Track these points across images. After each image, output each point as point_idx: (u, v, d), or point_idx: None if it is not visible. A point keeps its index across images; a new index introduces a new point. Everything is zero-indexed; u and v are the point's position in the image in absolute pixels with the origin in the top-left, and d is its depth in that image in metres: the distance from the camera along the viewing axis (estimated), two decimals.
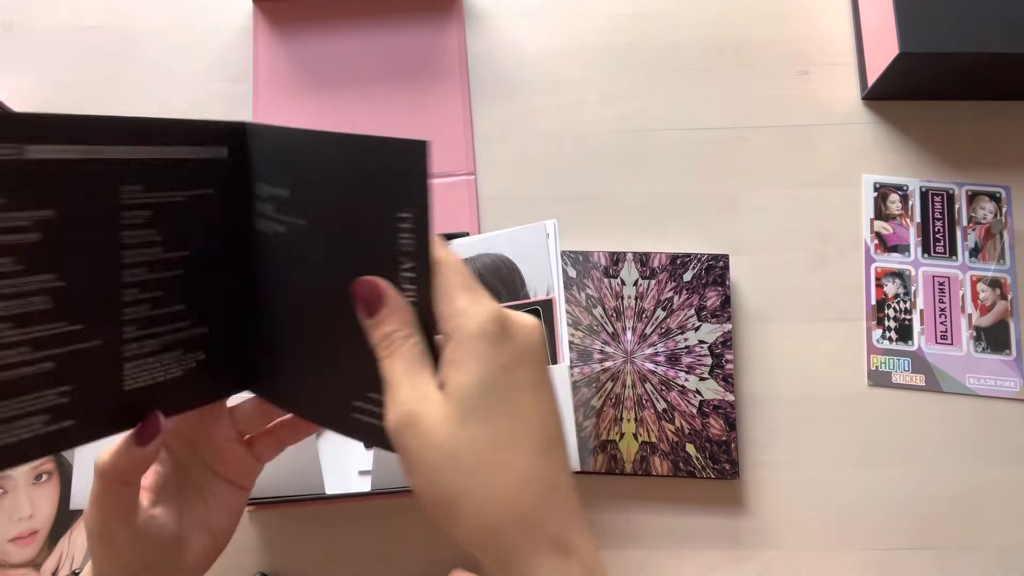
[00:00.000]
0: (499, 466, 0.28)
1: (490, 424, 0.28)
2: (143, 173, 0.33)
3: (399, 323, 0.30)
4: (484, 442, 0.28)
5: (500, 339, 0.29)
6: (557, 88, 0.69)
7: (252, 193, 0.36)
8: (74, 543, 0.58)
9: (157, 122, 0.34)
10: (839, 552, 0.59)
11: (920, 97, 0.68)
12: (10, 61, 0.70)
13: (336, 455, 0.57)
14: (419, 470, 0.29)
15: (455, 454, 0.28)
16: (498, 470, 0.28)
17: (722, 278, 0.62)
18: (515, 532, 0.28)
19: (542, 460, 0.29)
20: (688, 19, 0.71)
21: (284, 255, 0.36)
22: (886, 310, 0.64)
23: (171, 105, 0.68)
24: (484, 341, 0.29)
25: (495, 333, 0.29)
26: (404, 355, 0.30)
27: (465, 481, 0.28)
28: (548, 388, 0.30)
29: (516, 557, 0.28)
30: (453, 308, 0.30)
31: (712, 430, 0.59)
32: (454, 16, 0.71)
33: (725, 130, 0.68)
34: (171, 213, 0.35)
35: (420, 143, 0.30)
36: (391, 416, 0.29)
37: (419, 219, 0.31)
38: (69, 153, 0.31)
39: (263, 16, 0.71)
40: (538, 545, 0.28)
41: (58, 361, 0.31)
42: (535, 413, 0.29)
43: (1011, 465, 0.61)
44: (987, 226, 0.65)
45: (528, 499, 0.28)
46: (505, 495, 0.28)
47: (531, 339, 0.30)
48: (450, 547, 0.59)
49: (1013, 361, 0.62)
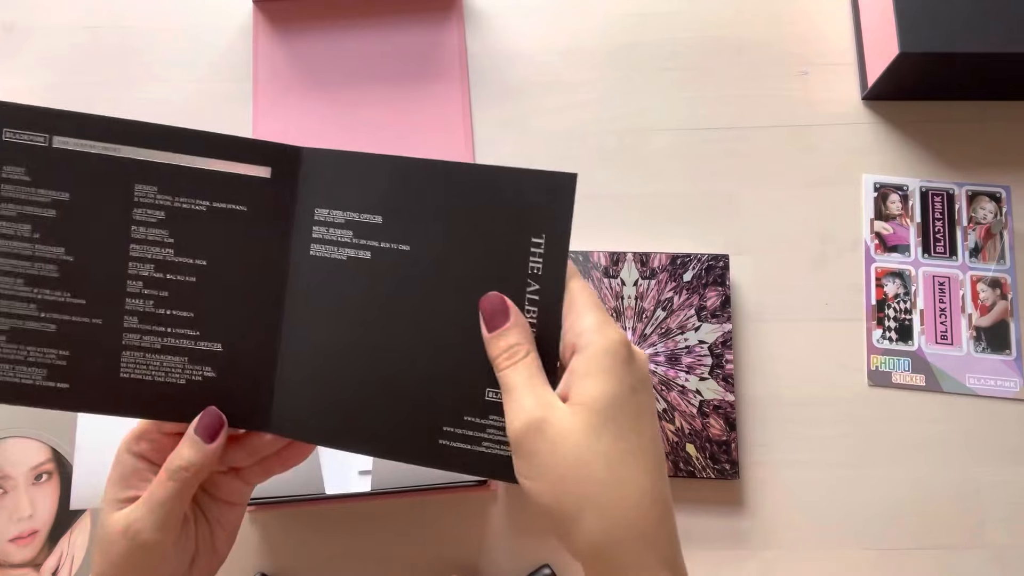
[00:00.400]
0: (628, 481, 0.29)
1: (621, 440, 0.29)
2: (159, 176, 0.36)
3: (521, 337, 0.32)
4: (615, 456, 0.29)
5: (628, 361, 0.31)
6: (557, 88, 0.69)
7: (309, 218, 0.37)
8: (74, 543, 0.58)
9: (184, 132, 0.36)
10: (839, 552, 0.59)
11: (920, 97, 0.68)
12: (10, 61, 0.70)
13: (336, 455, 0.57)
14: (545, 475, 0.29)
15: (586, 463, 0.29)
16: (627, 485, 0.29)
17: (722, 278, 0.62)
18: (636, 548, 0.29)
19: (660, 482, 0.30)
20: (688, 19, 0.71)
21: (361, 281, 0.36)
22: (886, 310, 0.64)
23: (171, 105, 0.68)
24: (616, 360, 0.30)
25: (625, 355, 0.31)
26: (526, 366, 0.31)
27: (594, 491, 0.29)
28: (656, 414, 0.32)
29: (634, 570, 0.29)
30: (584, 324, 0.31)
31: (712, 430, 0.59)
32: (454, 16, 0.71)
33: (725, 130, 0.68)
34: (189, 220, 0.36)
35: (572, 175, 0.33)
36: (517, 421, 0.30)
37: (555, 245, 0.33)
38: (88, 148, 0.35)
39: (263, 16, 0.71)
40: (654, 564, 0.29)
41: (59, 325, 0.36)
42: (654, 434, 0.31)
43: (1011, 465, 0.61)
44: (987, 226, 0.65)
45: (651, 517, 0.29)
46: (631, 510, 0.29)
47: (647, 365, 0.32)
48: (450, 547, 0.59)
49: (1013, 361, 0.63)
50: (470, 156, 0.67)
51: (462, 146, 0.67)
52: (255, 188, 0.37)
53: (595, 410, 0.29)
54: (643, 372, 0.31)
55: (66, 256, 0.36)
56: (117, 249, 0.36)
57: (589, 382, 0.30)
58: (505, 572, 0.58)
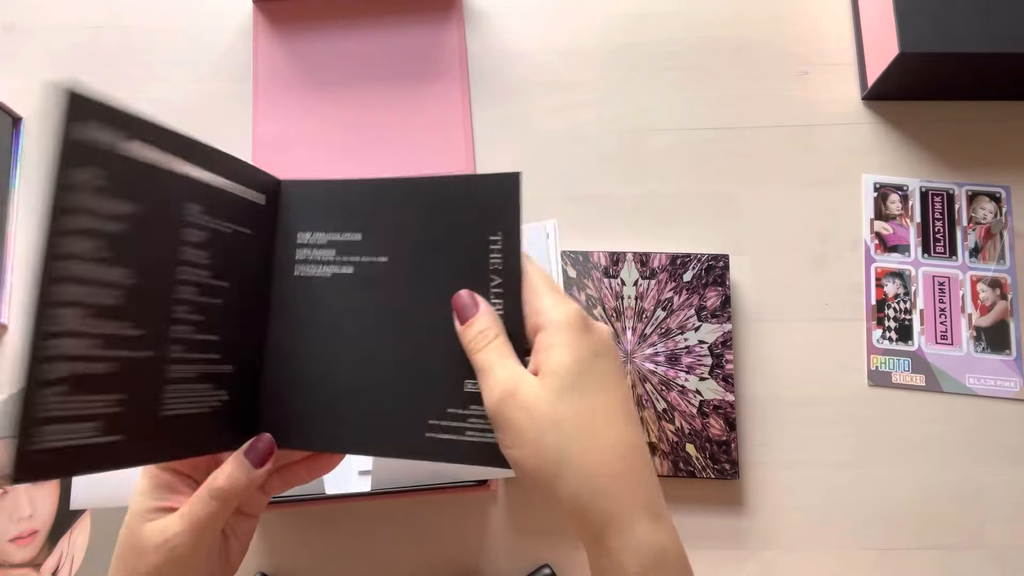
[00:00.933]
0: (600, 432, 0.31)
1: (587, 397, 0.32)
2: (204, 195, 0.35)
3: (489, 323, 0.35)
4: (583, 412, 0.32)
5: (586, 330, 0.33)
6: (557, 88, 0.69)
7: (292, 242, 0.39)
8: (74, 543, 0.58)
9: (215, 151, 0.36)
10: (839, 552, 0.59)
11: (920, 97, 0.68)
12: (10, 61, 0.70)
13: None
14: (523, 441, 0.32)
15: (558, 424, 0.31)
16: (599, 436, 0.31)
17: (722, 278, 0.62)
18: (617, 494, 0.31)
19: (632, 434, 0.33)
20: (688, 19, 0.71)
21: (345, 294, 0.38)
22: (886, 310, 0.64)
23: (171, 105, 0.68)
24: (574, 330, 0.33)
25: (581, 326, 0.33)
26: (496, 347, 0.34)
27: (569, 447, 0.31)
28: (624, 376, 0.35)
29: (616, 519, 0.31)
30: (543, 304, 0.34)
31: (712, 430, 0.59)
32: (454, 16, 0.71)
33: (725, 130, 0.68)
34: (220, 241, 0.36)
35: (515, 174, 0.36)
36: (493, 394, 0.32)
37: (509, 239, 0.36)
38: (152, 158, 0.32)
39: (263, 16, 0.71)
40: (635, 508, 0.31)
41: (120, 364, 0.30)
42: (621, 392, 0.33)
43: (1011, 465, 0.61)
44: (987, 226, 0.65)
45: (626, 466, 0.31)
46: (607, 458, 0.31)
47: (607, 335, 0.35)
48: (450, 547, 0.59)
49: (1013, 361, 0.62)
50: (470, 156, 0.67)
51: (462, 146, 0.67)
52: (257, 213, 0.38)
53: (560, 375, 0.32)
54: (602, 340, 0.34)
55: (128, 280, 0.31)
56: (168, 271, 0.33)
57: (553, 352, 0.33)
58: (505, 572, 0.58)
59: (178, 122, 0.37)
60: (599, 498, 0.31)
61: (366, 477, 0.55)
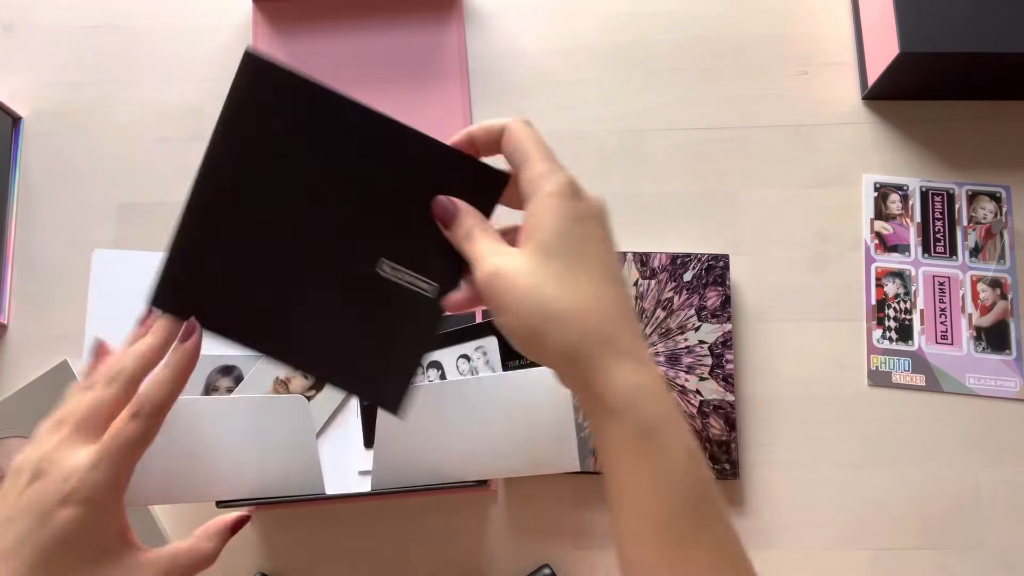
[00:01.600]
0: (578, 292, 0.34)
1: (568, 262, 0.34)
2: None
3: (472, 221, 0.37)
4: (564, 274, 0.34)
5: (574, 198, 0.35)
6: (557, 88, 0.69)
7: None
8: None
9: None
10: (839, 552, 0.59)
11: (920, 97, 0.68)
12: (10, 61, 0.70)
13: (336, 455, 0.57)
14: (508, 308, 0.34)
15: (539, 286, 0.34)
16: (578, 295, 0.34)
17: (722, 278, 0.62)
18: (596, 342, 0.33)
19: (612, 290, 0.35)
20: (688, 19, 0.71)
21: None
22: (886, 310, 0.64)
23: (171, 105, 0.68)
24: (561, 198, 0.35)
25: (570, 193, 0.35)
26: (482, 238, 0.36)
27: (550, 307, 0.33)
28: (611, 241, 0.37)
29: (599, 362, 0.33)
30: (534, 172, 0.35)
31: (712, 430, 0.59)
32: (454, 16, 0.71)
33: (725, 130, 0.68)
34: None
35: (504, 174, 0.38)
36: (481, 274, 0.35)
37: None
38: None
39: (263, 16, 0.71)
40: (617, 353, 0.33)
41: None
42: (603, 256, 0.35)
43: (1011, 465, 0.61)
44: (987, 226, 0.65)
45: (605, 317, 0.34)
46: (584, 314, 0.33)
47: (598, 203, 0.37)
48: (450, 547, 0.59)
49: (1013, 361, 0.62)
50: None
51: None
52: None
53: (541, 242, 0.34)
54: (591, 207, 0.36)
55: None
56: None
57: (535, 222, 0.35)
58: (505, 572, 0.58)
59: (178, 122, 0.37)
60: (581, 349, 0.33)
61: (366, 477, 0.55)
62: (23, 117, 0.69)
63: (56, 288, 0.65)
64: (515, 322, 0.34)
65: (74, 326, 0.52)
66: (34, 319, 0.64)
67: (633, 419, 0.33)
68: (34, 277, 0.65)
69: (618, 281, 0.36)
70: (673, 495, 0.32)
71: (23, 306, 0.64)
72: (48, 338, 0.63)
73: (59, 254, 0.65)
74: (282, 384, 0.45)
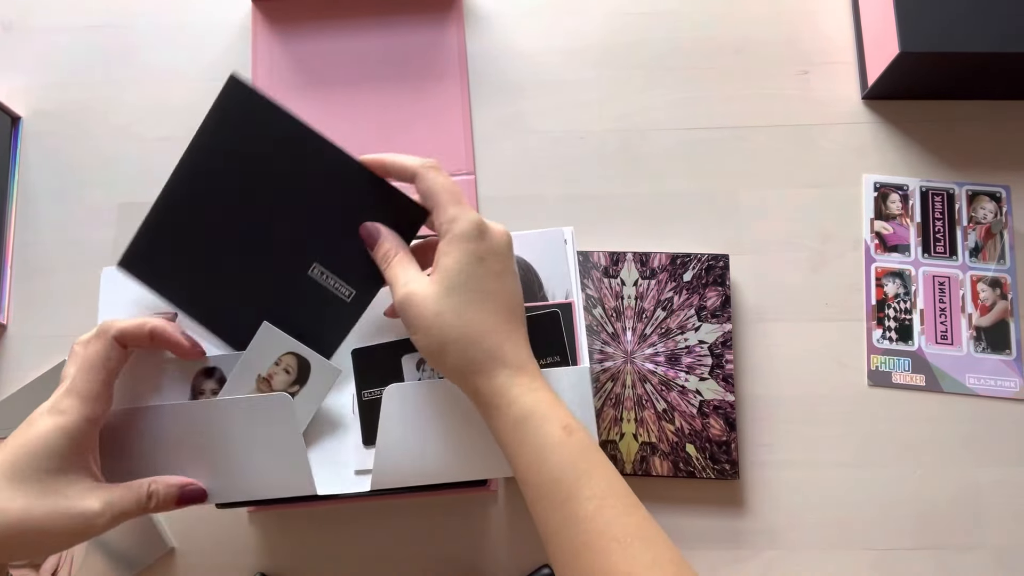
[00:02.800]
0: (474, 321, 0.41)
1: (466, 294, 0.41)
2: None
3: (392, 244, 0.44)
4: (462, 305, 0.41)
5: (479, 238, 0.41)
6: (557, 88, 0.69)
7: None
8: None
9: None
10: (839, 552, 0.59)
11: (920, 97, 0.68)
12: (10, 61, 0.70)
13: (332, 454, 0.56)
14: (418, 329, 0.41)
15: (441, 313, 0.41)
16: (474, 323, 0.41)
17: (722, 278, 0.62)
18: (484, 359, 0.41)
19: (503, 319, 0.42)
20: (688, 19, 0.71)
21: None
22: (886, 310, 0.64)
23: (171, 105, 0.68)
24: (467, 240, 0.41)
25: (475, 234, 0.41)
26: (399, 262, 0.44)
27: (449, 331, 0.40)
28: (511, 275, 0.43)
29: (485, 373, 0.41)
30: (445, 216, 0.42)
31: (712, 430, 0.59)
32: (454, 16, 0.71)
33: (725, 130, 0.68)
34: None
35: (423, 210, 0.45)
36: (398, 297, 0.42)
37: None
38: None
39: (263, 16, 0.71)
40: (502, 365, 0.41)
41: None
42: (500, 290, 0.42)
43: (1011, 465, 0.61)
44: (987, 226, 0.65)
45: (495, 341, 0.41)
46: (477, 337, 0.41)
47: (501, 240, 0.43)
48: (450, 547, 0.59)
49: (1013, 361, 0.62)
50: (470, 156, 0.67)
51: (462, 146, 0.67)
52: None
53: (447, 275, 0.41)
54: (495, 244, 0.42)
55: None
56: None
57: (445, 260, 0.41)
58: (505, 572, 0.58)
59: (178, 122, 0.37)
60: (471, 366, 0.41)
61: (365, 477, 0.55)
62: (22, 117, 0.69)
63: (56, 288, 0.65)
64: (423, 340, 0.41)
65: (74, 326, 0.52)
66: (34, 319, 0.64)
67: (509, 411, 0.40)
68: (34, 277, 0.65)
69: (514, 312, 0.43)
70: (551, 463, 0.39)
71: (23, 306, 0.64)
72: (48, 338, 0.63)
73: (59, 254, 0.65)
74: (264, 382, 0.45)
